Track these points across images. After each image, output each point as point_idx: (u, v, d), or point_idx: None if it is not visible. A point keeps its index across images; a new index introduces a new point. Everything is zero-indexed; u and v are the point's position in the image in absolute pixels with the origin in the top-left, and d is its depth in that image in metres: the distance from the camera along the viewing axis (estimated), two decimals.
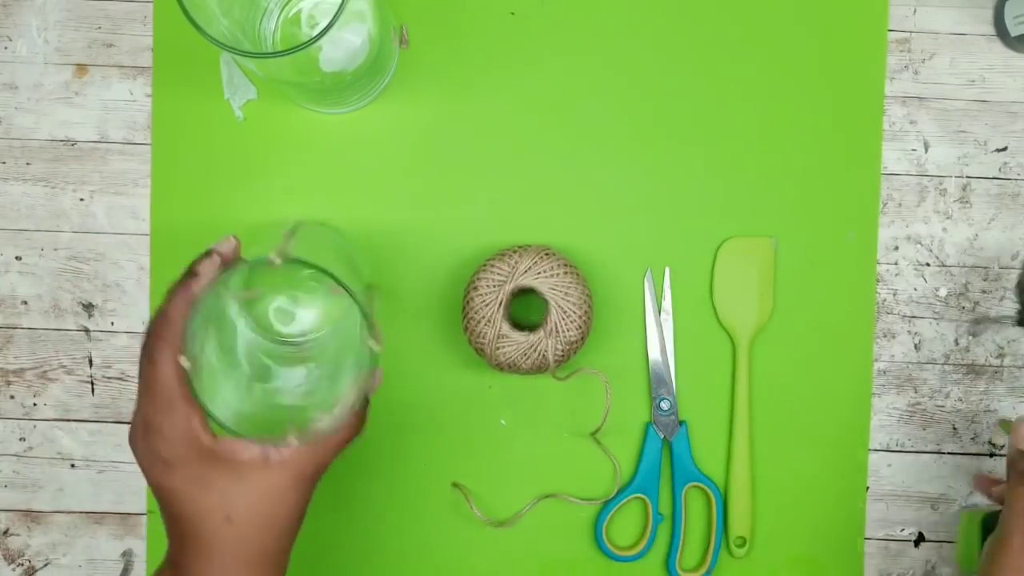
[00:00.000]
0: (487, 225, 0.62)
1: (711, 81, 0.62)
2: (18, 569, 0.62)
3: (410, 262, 0.61)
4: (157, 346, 0.41)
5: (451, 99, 0.62)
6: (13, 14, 0.61)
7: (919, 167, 0.63)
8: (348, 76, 0.54)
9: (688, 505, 0.62)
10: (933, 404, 0.63)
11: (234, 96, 0.61)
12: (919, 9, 0.62)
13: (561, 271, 0.57)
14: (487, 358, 0.58)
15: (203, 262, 0.43)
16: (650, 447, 0.61)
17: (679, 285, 0.62)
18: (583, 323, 0.57)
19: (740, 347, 0.61)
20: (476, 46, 0.62)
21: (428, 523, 0.62)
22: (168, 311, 0.41)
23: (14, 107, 0.62)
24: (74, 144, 0.62)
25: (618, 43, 0.62)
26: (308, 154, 0.61)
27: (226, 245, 0.44)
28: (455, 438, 0.62)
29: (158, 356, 0.41)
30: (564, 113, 0.62)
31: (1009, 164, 0.63)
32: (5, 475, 0.62)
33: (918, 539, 0.63)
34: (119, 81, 0.62)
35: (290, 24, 0.57)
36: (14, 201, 0.62)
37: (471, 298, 0.57)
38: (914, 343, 0.63)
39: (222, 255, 0.43)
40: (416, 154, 0.62)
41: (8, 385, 0.62)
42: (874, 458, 0.63)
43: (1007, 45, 0.62)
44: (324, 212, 0.61)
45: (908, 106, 0.62)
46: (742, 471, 0.61)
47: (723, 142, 0.62)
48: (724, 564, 0.62)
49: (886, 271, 0.63)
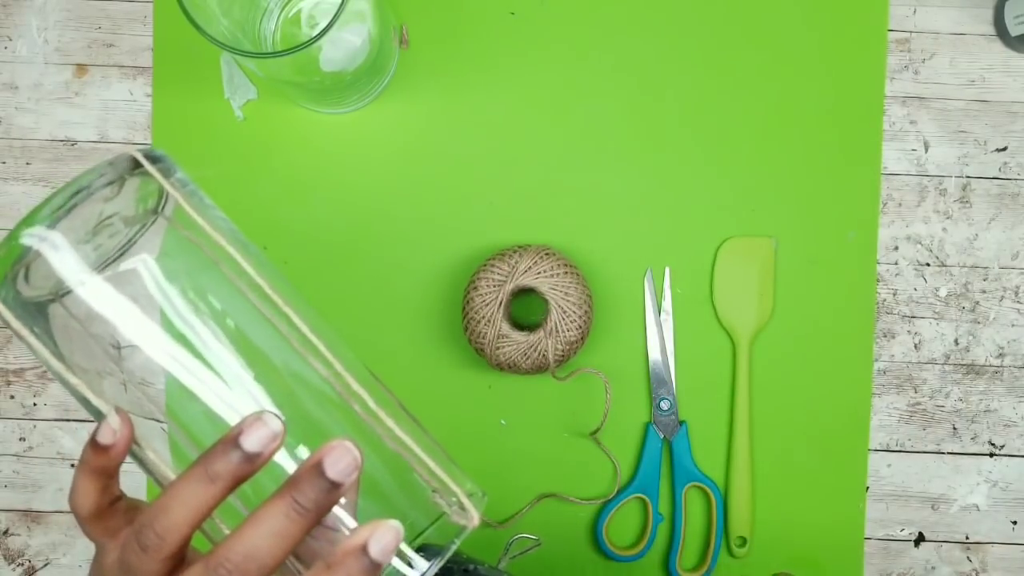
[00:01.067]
0: (487, 225, 0.62)
1: (711, 81, 0.62)
2: (18, 569, 0.62)
3: (410, 262, 0.61)
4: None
5: (451, 99, 0.62)
6: (13, 14, 0.61)
7: (919, 167, 0.63)
8: (348, 76, 0.54)
9: (688, 505, 0.62)
10: (933, 404, 0.63)
11: (234, 96, 0.61)
12: (919, 9, 0.62)
13: (561, 271, 0.57)
14: (487, 358, 0.58)
15: (342, 456, 0.28)
16: (650, 447, 0.61)
17: (679, 285, 0.62)
18: (583, 323, 0.57)
19: (740, 347, 0.62)
20: (476, 46, 0.62)
21: None
22: (265, 556, 0.28)
23: (14, 107, 0.62)
24: (74, 144, 0.62)
25: (618, 43, 0.62)
26: (308, 154, 0.61)
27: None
28: (455, 438, 0.62)
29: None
30: (564, 113, 0.62)
31: (1009, 164, 0.63)
32: (5, 475, 0.62)
33: (918, 539, 0.63)
34: (119, 81, 0.62)
35: (290, 24, 0.57)
36: (14, 201, 0.62)
37: (471, 298, 0.57)
38: (914, 343, 0.63)
39: (277, 424, 0.29)
40: (416, 154, 0.62)
41: (8, 385, 0.62)
42: (874, 458, 0.63)
43: (1007, 45, 0.62)
44: (324, 212, 0.61)
45: (908, 106, 0.62)
46: (742, 471, 0.61)
47: (723, 142, 0.62)
48: (724, 564, 0.62)
49: (886, 271, 0.63)
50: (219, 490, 0.29)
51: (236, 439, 0.28)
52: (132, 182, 0.31)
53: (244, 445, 0.28)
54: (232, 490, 0.29)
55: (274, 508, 0.28)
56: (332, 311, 0.61)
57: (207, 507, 0.29)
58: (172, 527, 0.29)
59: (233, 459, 0.28)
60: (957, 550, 0.63)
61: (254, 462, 0.28)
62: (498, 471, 0.62)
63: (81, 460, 0.31)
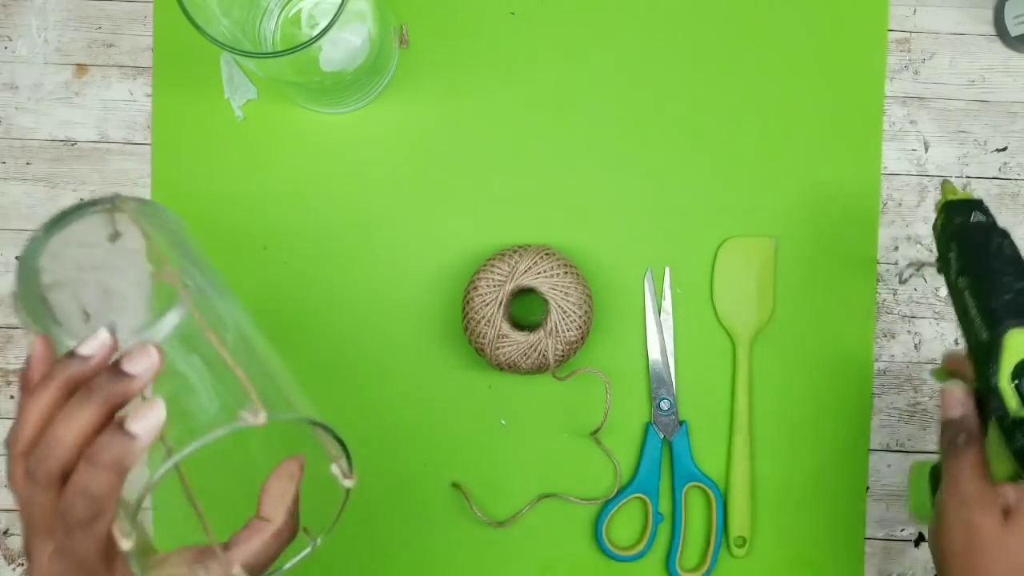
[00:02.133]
0: (487, 225, 0.62)
1: (711, 81, 0.62)
2: (18, 569, 0.62)
3: (410, 262, 0.61)
4: (83, 525, 0.35)
5: (451, 99, 0.62)
6: (13, 14, 0.61)
7: (919, 167, 0.63)
8: (348, 76, 0.54)
9: (688, 505, 0.62)
10: (933, 404, 0.63)
11: (234, 96, 0.61)
12: (919, 9, 0.62)
13: (561, 271, 0.57)
14: (487, 358, 0.58)
15: (146, 415, 0.35)
16: (650, 447, 0.61)
17: (679, 285, 0.62)
18: (583, 323, 0.57)
19: (740, 347, 0.61)
20: (476, 46, 0.62)
21: (428, 523, 0.62)
22: (97, 488, 0.35)
23: (14, 107, 0.62)
24: (74, 144, 0.62)
25: (618, 43, 0.62)
26: (308, 154, 0.61)
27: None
28: (455, 438, 0.62)
29: (83, 536, 0.35)
30: (564, 113, 0.62)
31: (1009, 164, 0.63)
32: (5, 475, 0.62)
33: (918, 539, 0.63)
34: (119, 81, 0.62)
35: (290, 24, 0.57)
36: (14, 201, 0.62)
37: (471, 298, 0.57)
38: (914, 343, 0.63)
39: (154, 355, 0.36)
40: (416, 154, 0.62)
41: (8, 385, 0.62)
42: (874, 458, 0.63)
43: (1007, 45, 0.62)
44: (324, 212, 0.61)
45: (908, 106, 0.62)
46: (742, 471, 0.61)
47: (723, 142, 0.62)
48: (724, 564, 0.62)
49: (886, 271, 0.63)
50: (58, 395, 0.36)
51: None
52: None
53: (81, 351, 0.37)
54: (69, 395, 0.36)
55: (75, 399, 0.36)
56: (332, 311, 0.61)
57: (53, 417, 0.36)
58: (48, 451, 0.35)
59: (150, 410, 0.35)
60: None
61: (86, 364, 0.36)
62: (498, 471, 0.62)
63: (41, 381, 0.37)
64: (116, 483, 0.35)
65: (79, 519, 0.35)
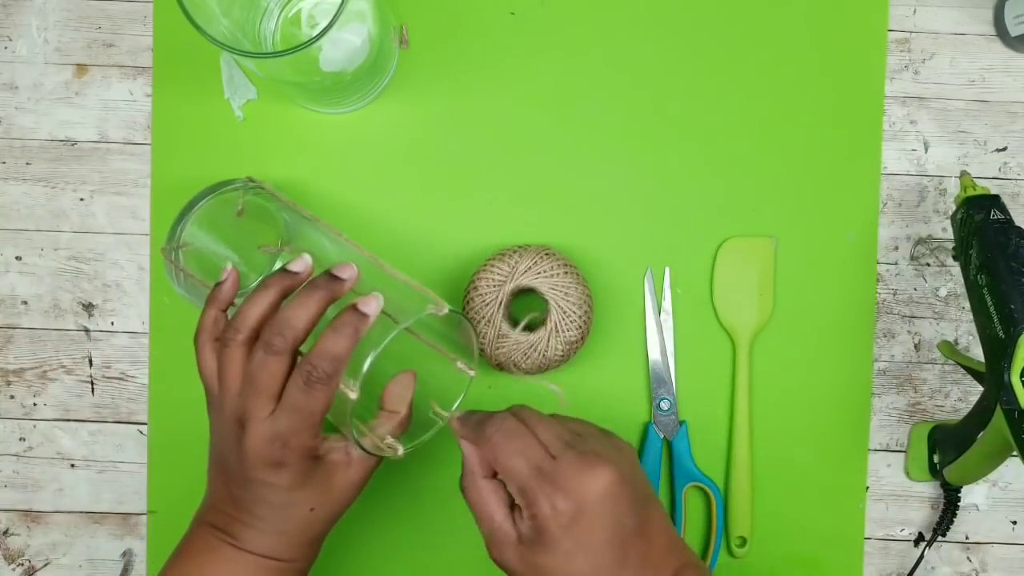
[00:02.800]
0: (487, 225, 0.62)
1: (711, 81, 0.62)
2: (18, 569, 0.62)
3: (410, 262, 0.61)
4: (323, 380, 0.45)
5: (451, 99, 0.62)
6: (13, 14, 0.61)
7: (919, 167, 0.63)
8: (348, 76, 0.54)
9: (688, 505, 0.62)
10: (933, 404, 0.63)
11: (234, 96, 0.61)
12: (919, 9, 0.62)
13: (561, 271, 0.57)
14: (487, 358, 0.58)
15: (370, 301, 0.47)
16: (650, 447, 0.61)
17: (679, 285, 0.62)
18: (583, 323, 0.57)
19: (740, 347, 0.61)
20: (476, 46, 0.62)
21: (428, 523, 0.62)
22: (340, 350, 0.45)
23: (14, 107, 0.62)
24: (74, 144, 0.62)
25: (618, 43, 0.62)
26: (308, 154, 0.61)
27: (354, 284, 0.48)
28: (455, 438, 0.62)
29: (321, 389, 0.45)
30: (564, 113, 0.62)
31: (1009, 164, 0.63)
32: (5, 475, 0.62)
33: (918, 539, 0.63)
34: (119, 81, 0.62)
35: (290, 24, 0.57)
36: (14, 201, 0.62)
37: (471, 298, 0.57)
38: (914, 343, 0.63)
39: (355, 268, 0.48)
40: (416, 154, 0.62)
41: (8, 385, 0.62)
42: (874, 458, 0.63)
43: (1007, 45, 0.62)
44: (323, 212, 0.61)
45: (908, 106, 0.62)
46: (742, 471, 0.61)
47: (723, 142, 0.62)
48: (724, 564, 0.62)
49: (886, 271, 0.63)
50: (275, 296, 0.48)
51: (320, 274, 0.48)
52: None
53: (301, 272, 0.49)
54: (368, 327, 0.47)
55: (303, 293, 0.47)
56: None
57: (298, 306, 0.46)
58: (287, 327, 0.46)
59: (375, 299, 0.47)
60: (957, 550, 0.63)
61: (380, 302, 0.47)
62: None
63: (259, 288, 0.48)
64: (351, 348, 0.45)
65: (321, 375, 0.45)
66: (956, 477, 0.59)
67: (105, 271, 0.62)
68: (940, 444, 0.60)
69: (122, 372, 0.62)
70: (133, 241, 0.62)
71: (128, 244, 0.62)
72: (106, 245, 0.62)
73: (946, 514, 0.61)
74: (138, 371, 0.62)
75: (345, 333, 0.45)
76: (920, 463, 0.62)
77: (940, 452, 0.60)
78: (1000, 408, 0.51)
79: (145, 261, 0.62)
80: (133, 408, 0.62)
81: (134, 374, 0.62)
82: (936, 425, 0.61)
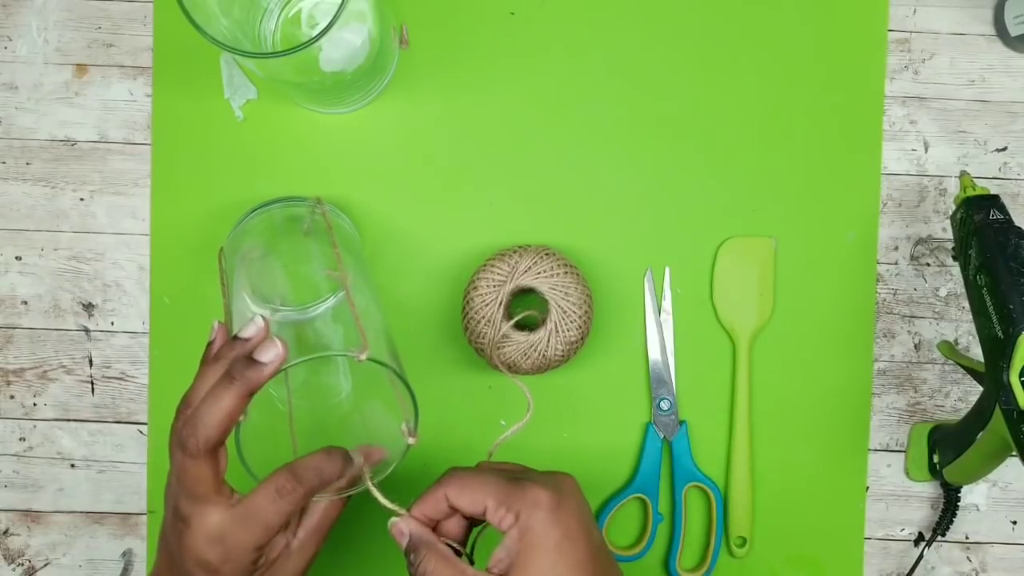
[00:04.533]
0: (487, 225, 0.62)
1: (711, 81, 0.62)
2: (18, 569, 0.62)
3: (410, 262, 0.61)
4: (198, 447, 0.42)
5: (451, 99, 0.62)
6: (13, 14, 0.61)
7: (919, 167, 0.63)
8: (348, 76, 0.54)
9: (688, 505, 0.62)
10: (933, 404, 0.63)
11: (234, 96, 0.61)
12: (919, 9, 0.62)
13: (561, 271, 0.57)
14: (487, 358, 0.58)
15: (268, 349, 0.43)
16: (650, 447, 0.61)
17: (679, 285, 0.62)
18: (583, 323, 0.57)
19: (740, 347, 0.62)
20: (476, 46, 0.62)
21: None
22: (227, 411, 0.42)
23: (14, 107, 0.62)
24: (74, 144, 0.62)
25: (618, 43, 0.62)
26: (308, 154, 0.61)
27: (272, 349, 0.43)
28: (455, 438, 0.62)
29: (290, 502, 0.43)
30: (564, 113, 0.62)
31: (1009, 164, 0.63)
32: (5, 475, 0.62)
33: (918, 539, 0.63)
34: (119, 81, 0.62)
35: (290, 24, 0.57)
36: (14, 201, 0.62)
37: (471, 298, 0.57)
38: (914, 343, 0.63)
39: (279, 349, 0.43)
40: (416, 154, 0.62)
41: (8, 385, 0.62)
42: (874, 458, 0.63)
43: (1007, 45, 0.62)
44: None
45: (908, 106, 0.62)
46: (742, 471, 0.61)
47: (723, 142, 0.62)
48: (724, 564, 0.62)
49: (886, 271, 0.63)
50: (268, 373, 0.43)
51: (268, 341, 0.44)
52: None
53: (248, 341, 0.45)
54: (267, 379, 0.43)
55: (217, 384, 0.43)
56: None
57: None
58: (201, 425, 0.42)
59: (273, 346, 0.43)
60: (957, 550, 0.63)
61: (282, 351, 0.43)
62: None
63: (229, 382, 0.43)
64: (336, 469, 0.46)
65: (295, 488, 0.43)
66: (956, 477, 0.59)
67: (105, 271, 0.62)
68: (940, 444, 0.60)
69: (122, 372, 0.62)
70: (133, 241, 0.62)
71: (128, 244, 0.62)
72: (106, 245, 0.62)
73: (946, 514, 0.61)
74: (138, 371, 0.62)
75: (334, 459, 0.46)
76: (920, 463, 0.62)
77: (940, 452, 0.60)
78: (999, 408, 0.51)
79: (145, 261, 0.62)
80: (133, 408, 0.62)
81: (134, 374, 0.62)
82: (936, 425, 0.61)
